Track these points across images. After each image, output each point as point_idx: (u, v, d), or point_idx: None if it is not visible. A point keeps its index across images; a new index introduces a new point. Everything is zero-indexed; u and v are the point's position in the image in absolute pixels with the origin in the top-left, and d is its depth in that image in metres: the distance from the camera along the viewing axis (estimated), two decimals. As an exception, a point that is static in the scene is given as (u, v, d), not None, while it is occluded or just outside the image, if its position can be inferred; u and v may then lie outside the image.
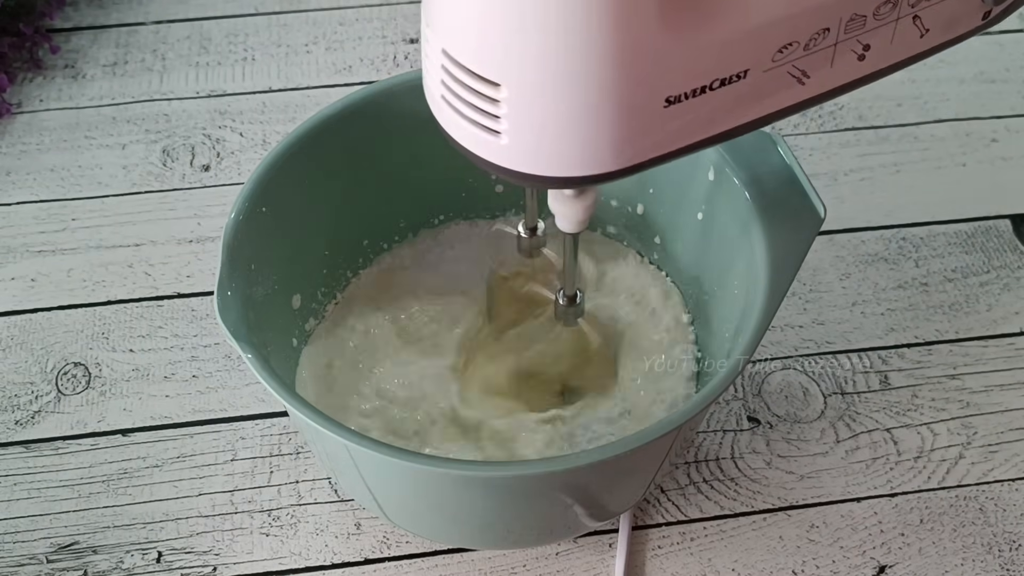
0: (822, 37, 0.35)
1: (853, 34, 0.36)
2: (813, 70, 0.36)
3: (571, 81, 0.33)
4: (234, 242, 0.46)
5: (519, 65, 0.33)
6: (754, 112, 0.37)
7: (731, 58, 0.34)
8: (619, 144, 0.35)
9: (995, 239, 0.66)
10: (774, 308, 0.44)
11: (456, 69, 0.34)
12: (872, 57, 0.37)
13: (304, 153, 0.50)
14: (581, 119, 0.34)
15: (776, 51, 0.35)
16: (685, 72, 0.34)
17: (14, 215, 0.67)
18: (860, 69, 0.38)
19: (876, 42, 0.37)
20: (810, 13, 0.34)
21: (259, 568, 0.52)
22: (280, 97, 0.74)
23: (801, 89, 0.37)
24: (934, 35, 0.38)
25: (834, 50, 0.36)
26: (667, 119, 0.35)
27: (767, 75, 0.35)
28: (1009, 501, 0.55)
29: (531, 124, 0.34)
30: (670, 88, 0.34)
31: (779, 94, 0.37)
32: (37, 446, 0.56)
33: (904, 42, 0.38)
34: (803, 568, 0.52)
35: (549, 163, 0.35)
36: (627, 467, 0.45)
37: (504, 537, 0.50)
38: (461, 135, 0.36)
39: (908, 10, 0.36)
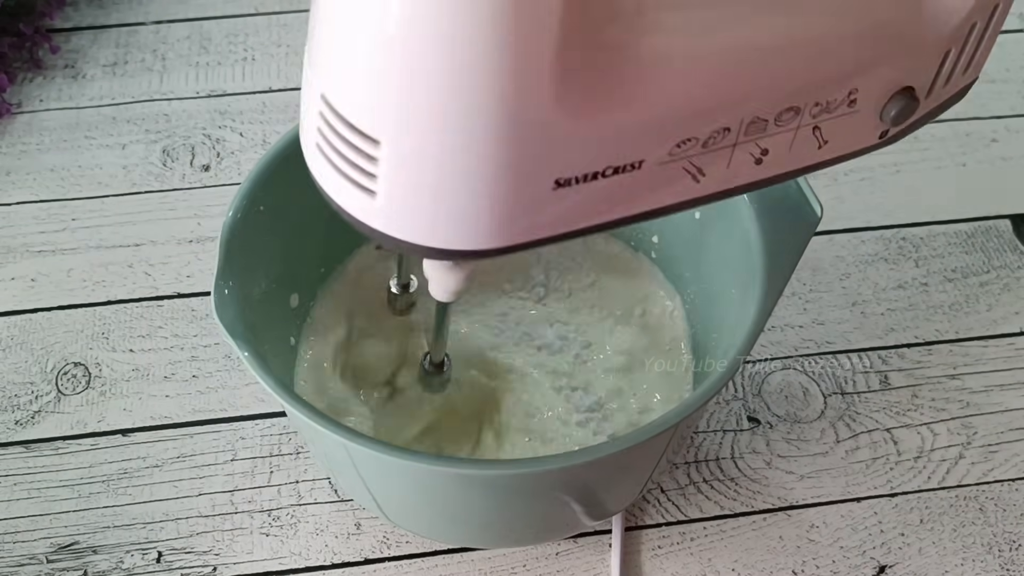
0: (722, 136, 0.34)
1: (753, 137, 0.35)
2: (709, 168, 0.35)
3: (454, 149, 0.30)
4: (231, 241, 0.46)
5: (401, 124, 0.30)
6: (645, 204, 0.35)
7: (627, 147, 0.33)
8: (502, 221, 0.32)
9: (995, 239, 0.66)
10: (770, 307, 0.44)
11: (334, 118, 0.31)
12: (769, 162, 0.36)
13: (302, 152, 0.50)
14: (462, 191, 0.31)
15: (674, 145, 0.33)
16: (578, 155, 0.32)
17: (14, 215, 0.67)
18: (756, 172, 0.37)
19: (775, 148, 0.36)
20: (712, 111, 0.33)
21: (259, 568, 0.52)
22: (280, 97, 0.74)
23: (695, 186, 0.35)
24: (832, 148, 0.37)
25: (732, 151, 0.35)
26: (554, 201, 0.33)
27: (662, 168, 0.34)
28: (1009, 501, 0.55)
29: (408, 189, 0.31)
30: (561, 170, 0.32)
31: (673, 188, 0.35)
32: (37, 446, 0.56)
33: (802, 151, 0.37)
34: (803, 568, 0.52)
35: (424, 232, 0.33)
36: (624, 465, 0.45)
37: (503, 535, 0.51)
38: (334, 190, 0.34)
39: (809, 120, 0.36)
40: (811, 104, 0.35)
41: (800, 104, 0.35)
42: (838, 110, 0.36)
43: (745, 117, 0.34)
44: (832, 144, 0.37)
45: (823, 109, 0.36)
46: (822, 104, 0.35)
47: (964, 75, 0.38)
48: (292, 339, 0.53)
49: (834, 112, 0.36)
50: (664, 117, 0.33)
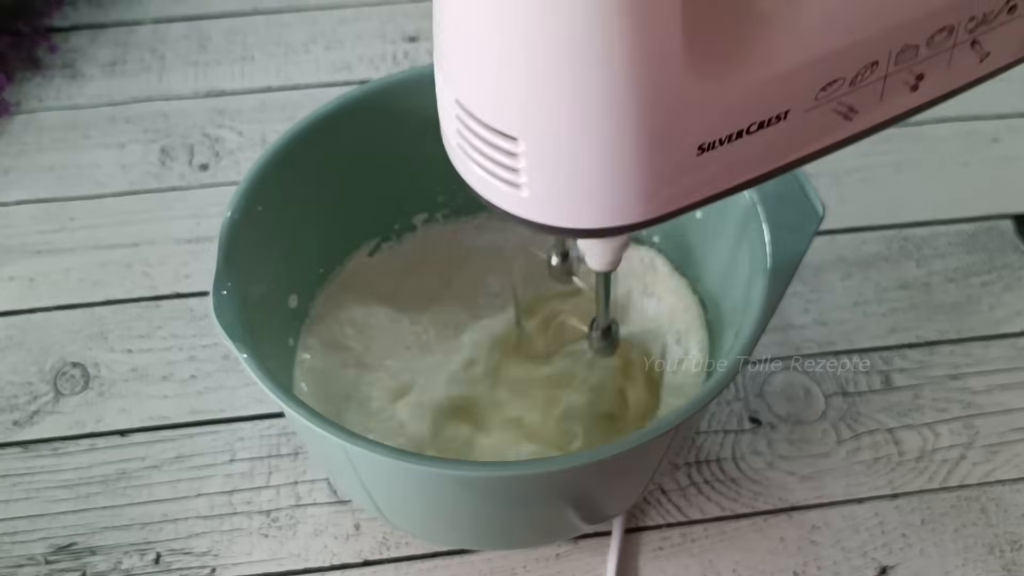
0: (870, 71, 0.33)
1: (905, 65, 0.33)
2: (861, 105, 0.34)
3: (592, 133, 0.30)
4: (230, 241, 0.46)
5: (536, 118, 0.30)
6: (797, 152, 0.34)
7: (769, 100, 0.32)
8: (648, 194, 0.32)
9: (997, 239, 0.66)
10: (773, 307, 0.44)
11: (471, 120, 0.32)
12: (926, 87, 0.35)
13: (300, 151, 0.50)
14: (605, 171, 0.31)
15: (819, 89, 0.32)
16: (719, 118, 0.31)
17: (12, 215, 0.67)
18: (913, 100, 0.35)
19: (931, 71, 0.34)
20: (854, 49, 0.32)
21: (258, 569, 0.52)
22: (279, 96, 0.73)
23: (848, 125, 0.34)
24: (995, 58, 0.36)
25: (884, 83, 0.34)
26: (700, 166, 0.32)
27: (810, 114, 0.33)
28: (1011, 502, 0.54)
29: (552, 177, 0.32)
30: (703, 135, 0.31)
31: (824, 132, 0.34)
32: (35, 447, 0.56)
33: (962, 68, 0.35)
34: (804, 569, 0.52)
35: (573, 216, 0.33)
36: (624, 467, 0.45)
37: (503, 537, 0.50)
38: (481, 187, 0.34)
39: (966, 36, 0.34)
40: (965, 20, 0.33)
41: (953, 22, 0.33)
42: (997, 19, 0.34)
43: (893, 48, 0.33)
44: (995, 55, 0.35)
45: (980, 22, 0.34)
46: (978, 17, 0.33)
47: None
48: (291, 340, 0.53)
49: (992, 22, 0.34)
50: (803, 65, 0.31)
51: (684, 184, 0.33)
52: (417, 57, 0.76)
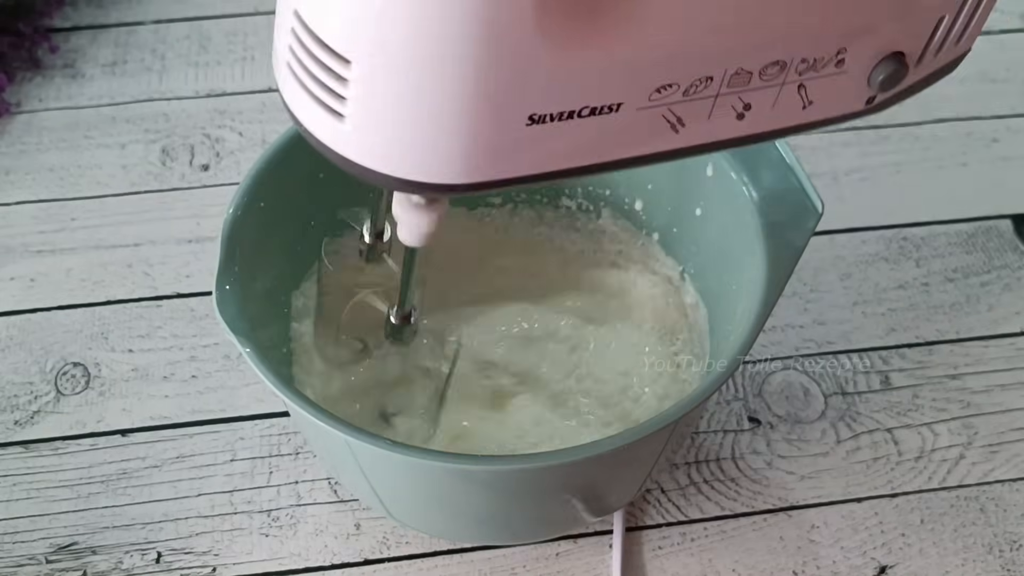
0: (703, 86, 0.33)
1: (736, 90, 0.34)
2: (689, 119, 0.34)
3: (426, 75, 0.29)
4: (232, 237, 0.46)
5: (373, 45, 0.29)
6: (622, 151, 0.34)
7: (606, 86, 0.32)
8: (473, 155, 0.31)
9: (996, 239, 0.66)
10: (771, 304, 0.44)
11: (306, 35, 0.30)
12: (751, 118, 0.36)
13: (302, 148, 0.50)
14: (433, 117, 0.30)
15: (654, 89, 0.33)
16: (555, 90, 0.31)
17: (13, 215, 0.67)
18: (737, 128, 0.36)
19: (758, 103, 0.35)
20: (695, 57, 0.32)
21: (258, 569, 0.52)
22: (279, 97, 0.73)
23: (674, 137, 0.35)
24: (817, 109, 0.36)
25: (714, 102, 0.34)
26: (529, 139, 0.32)
27: (641, 114, 0.33)
28: (1010, 501, 0.54)
29: (379, 114, 0.30)
30: (535, 105, 0.31)
31: (651, 137, 0.34)
32: (36, 446, 0.56)
33: (785, 110, 0.36)
34: (804, 568, 0.52)
35: (393, 161, 0.32)
36: (623, 462, 0.45)
37: (505, 531, 0.51)
38: (304, 114, 0.33)
39: (795, 77, 0.35)
40: (798, 60, 0.34)
41: (786, 58, 0.34)
42: (825, 69, 0.35)
43: (729, 67, 0.33)
44: (817, 105, 0.36)
45: (810, 67, 0.35)
46: (808, 61, 0.34)
47: (956, 46, 0.38)
48: (293, 335, 0.53)
49: (821, 71, 0.35)
50: (645, 57, 0.32)
51: (511, 154, 0.32)
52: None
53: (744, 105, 0.35)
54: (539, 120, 0.31)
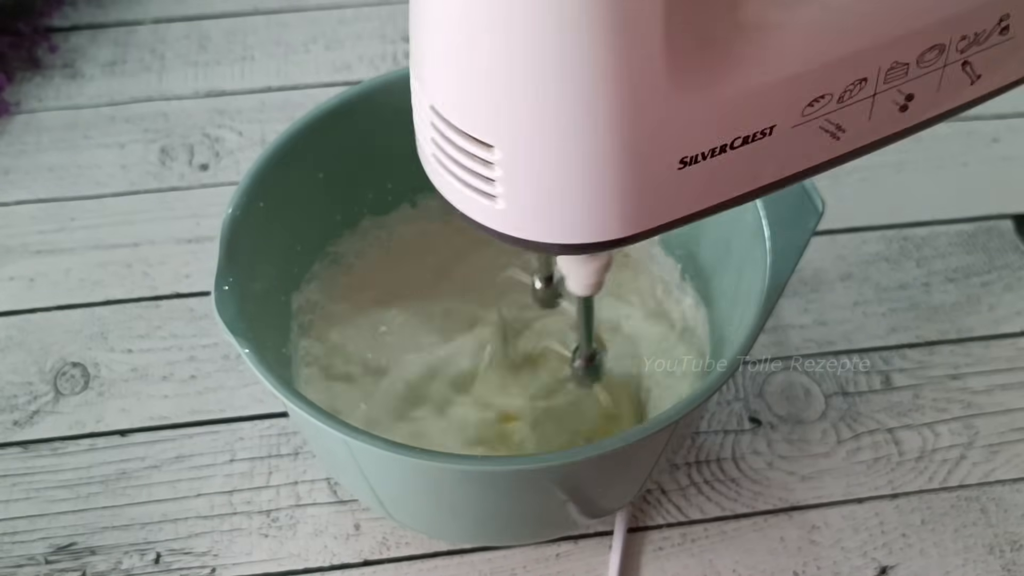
0: (858, 88, 0.32)
1: (894, 84, 0.32)
2: (849, 124, 0.33)
3: (570, 143, 0.29)
4: (231, 237, 0.46)
5: (512, 126, 0.30)
6: (784, 170, 0.33)
7: (754, 114, 0.31)
8: (628, 209, 0.31)
9: (997, 239, 0.66)
10: (771, 305, 0.44)
11: (446, 128, 0.31)
12: (916, 107, 0.34)
13: (300, 149, 0.50)
14: (582, 184, 0.30)
15: (806, 105, 0.31)
16: (701, 131, 0.30)
17: (12, 215, 0.67)
18: (902, 120, 0.34)
19: (920, 91, 0.33)
20: (842, 64, 0.31)
21: (258, 569, 0.52)
22: (279, 96, 0.73)
23: (836, 144, 0.33)
24: (987, 82, 0.34)
25: (872, 101, 0.33)
26: (683, 181, 0.31)
27: (797, 131, 0.32)
28: (1011, 502, 0.54)
29: (529, 188, 0.31)
30: (684, 149, 0.30)
31: (811, 150, 0.33)
32: (35, 447, 0.56)
33: (952, 90, 0.34)
34: (804, 569, 0.52)
35: (550, 230, 0.32)
36: (622, 463, 0.45)
37: (505, 531, 0.50)
38: (455, 198, 0.33)
39: (957, 56, 0.33)
40: (957, 39, 0.32)
41: (944, 40, 0.32)
42: (989, 40, 0.33)
43: (882, 64, 0.32)
44: (986, 78, 0.34)
45: (971, 42, 0.33)
46: (969, 37, 0.32)
47: None
48: (292, 335, 0.53)
49: (984, 44, 0.33)
50: (788, 78, 0.30)
51: (666, 199, 0.32)
52: (417, 57, 0.76)
53: (906, 96, 0.33)
54: (691, 161, 0.31)
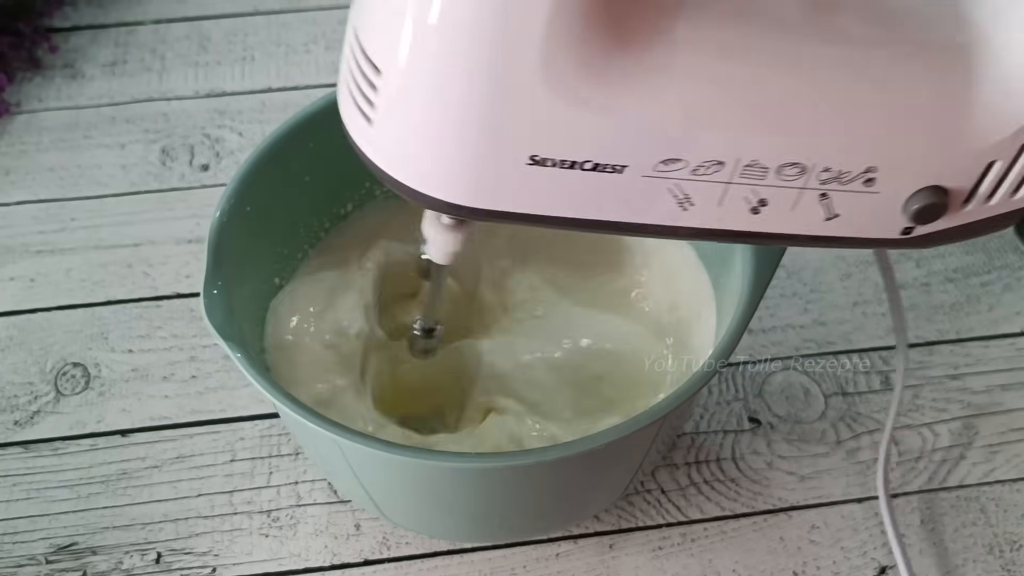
0: (714, 169, 0.33)
1: (750, 182, 0.33)
2: (698, 199, 0.34)
3: (440, 94, 0.32)
4: (219, 241, 0.46)
5: (400, 58, 0.32)
6: (624, 214, 0.35)
7: (610, 145, 0.32)
8: (473, 179, 0.34)
9: (996, 239, 0.66)
10: (756, 301, 0.44)
11: (355, 46, 0.34)
12: (767, 216, 0.35)
13: (287, 151, 0.50)
14: (440, 136, 0.33)
15: (660, 161, 0.33)
16: (558, 137, 0.32)
17: (13, 215, 0.67)
18: (751, 223, 0.35)
19: (775, 201, 0.34)
20: (701, 137, 0.32)
21: (258, 569, 0.52)
22: (279, 96, 0.74)
23: (682, 214, 0.34)
24: (843, 225, 0.35)
25: (725, 189, 0.34)
26: (529, 177, 0.33)
27: (647, 182, 0.33)
28: (1010, 502, 0.54)
29: (397, 121, 0.33)
30: (537, 147, 0.32)
31: (656, 208, 0.34)
32: (36, 446, 0.56)
33: (805, 217, 0.35)
34: (804, 569, 0.52)
35: (404, 170, 0.34)
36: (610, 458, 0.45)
37: (499, 528, 0.51)
38: (347, 116, 0.35)
39: (817, 184, 0.34)
40: (819, 167, 0.33)
41: (805, 162, 0.33)
42: (852, 185, 0.34)
43: (742, 157, 0.33)
44: (843, 221, 0.35)
45: (833, 177, 0.34)
46: (832, 171, 0.33)
47: (1012, 198, 0.35)
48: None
49: (847, 185, 0.34)
50: (649, 127, 0.32)
51: (510, 188, 0.34)
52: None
53: (759, 200, 0.34)
54: (540, 162, 0.33)
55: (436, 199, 0.34)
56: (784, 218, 0.35)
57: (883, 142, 0.33)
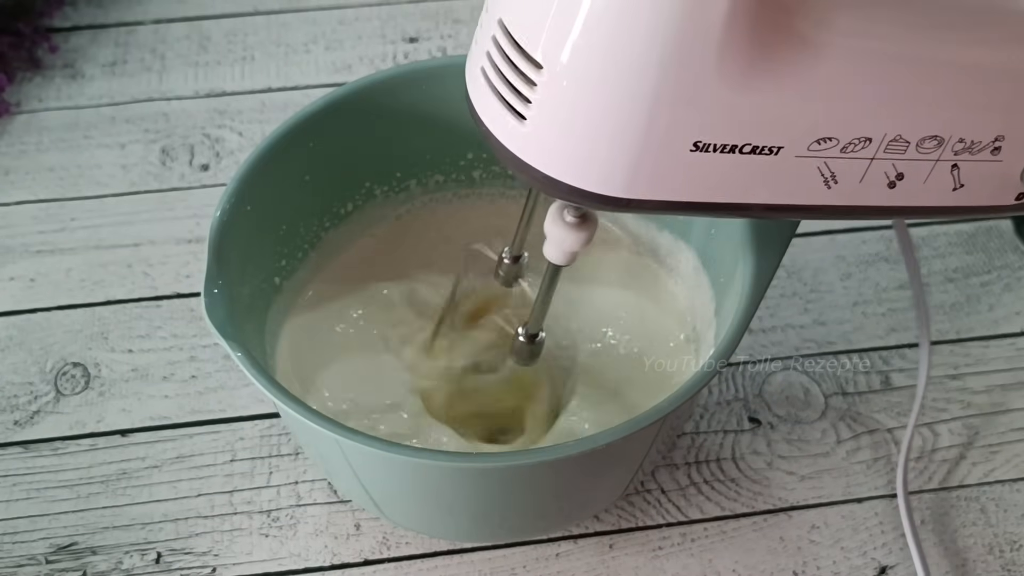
0: (861, 146, 0.34)
1: (891, 156, 0.35)
2: (843, 176, 0.35)
3: (609, 89, 0.32)
4: (220, 241, 0.46)
5: (564, 53, 0.32)
6: (775, 196, 0.36)
7: (771, 127, 0.33)
8: (636, 170, 0.34)
9: (996, 239, 0.66)
10: (756, 301, 0.44)
11: (505, 41, 0.33)
12: (901, 190, 0.36)
13: (287, 151, 0.50)
14: (605, 128, 0.33)
15: (814, 140, 0.34)
16: (723, 123, 0.33)
17: (13, 215, 0.67)
18: (886, 197, 0.37)
19: (910, 175, 0.36)
20: (857, 115, 0.34)
21: (258, 569, 0.52)
22: (279, 96, 0.74)
23: (825, 192, 0.36)
24: (966, 194, 0.37)
25: (869, 165, 0.35)
26: (690, 165, 0.34)
27: (798, 162, 0.34)
28: (1010, 502, 0.54)
29: (559, 118, 0.33)
30: (703, 133, 0.33)
31: (803, 189, 0.36)
32: (36, 446, 0.56)
33: (936, 188, 0.37)
34: (804, 569, 0.52)
35: (563, 166, 0.34)
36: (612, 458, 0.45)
37: (499, 528, 0.51)
38: (488, 115, 0.35)
39: (950, 155, 0.36)
40: (955, 138, 0.35)
41: (944, 135, 0.35)
42: (981, 154, 0.36)
43: (889, 132, 0.34)
44: (967, 190, 0.37)
45: (966, 148, 0.36)
46: (966, 142, 0.35)
47: None
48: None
49: (976, 155, 0.36)
50: (811, 108, 0.33)
51: (671, 176, 0.34)
52: (417, 58, 0.76)
53: (897, 174, 0.36)
54: (703, 148, 0.33)
55: (592, 193, 0.34)
56: (917, 191, 0.37)
57: (1013, 111, 0.35)
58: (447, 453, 0.43)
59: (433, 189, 0.58)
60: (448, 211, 0.58)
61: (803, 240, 0.65)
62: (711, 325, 0.50)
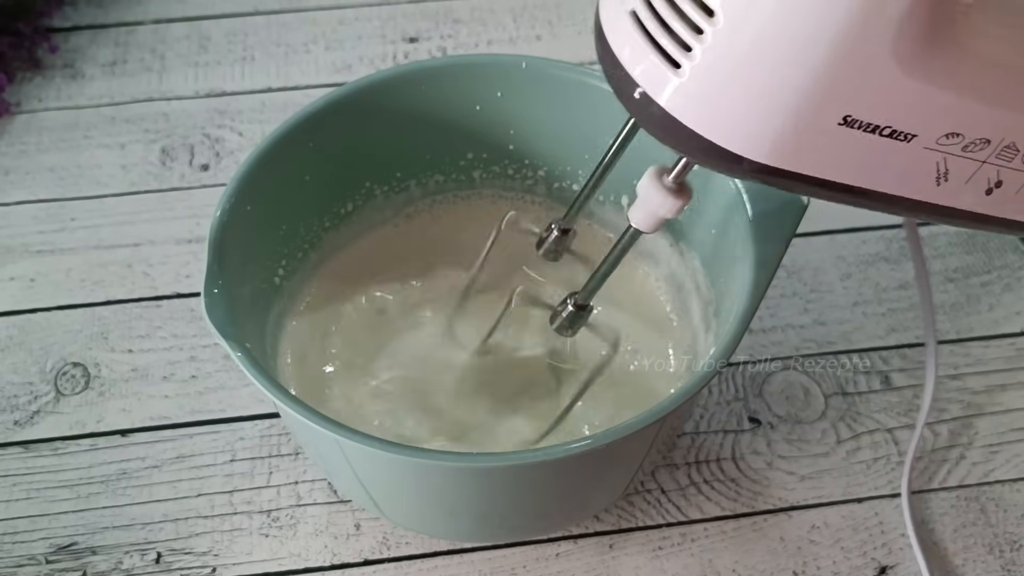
0: (980, 146, 0.34)
1: (999, 163, 0.35)
2: (953, 176, 0.35)
3: (783, 49, 0.31)
4: (220, 241, 0.46)
5: (744, 4, 0.31)
6: (893, 185, 0.36)
7: (915, 113, 0.33)
8: (782, 136, 0.33)
9: (996, 239, 0.66)
10: (757, 300, 0.44)
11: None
12: (996, 198, 0.36)
13: (287, 151, 0.50)
14: (769, 90, 0.32)
15: (944, 134, 0.34)
16: (875, 101, 0.32)
17: (13, 215, 0.67)
18: (980, 204, 0.37)
19: (1008, 183, 0.36)
20: (988, 113, 0.34)
21: (258, 569, 0.52)
22: (279, 96, 0.74)
23: (933, 190, 0.36)
24: None
25: (978, 168, 0.35)
26: (831, 139, 0.33)
27: (923, 155, 0.34)
28: (1010, 502, 0.54)
29: (720, 71, 0.32)
30: (855, 107, 0.32)
31: (918, 183, 0.35)
32: (36, 446, 0.56)
33: None
34: (804, 569, 0.52)
35: (710, 122, 0.33)
36: (612, 457, 0.45)
37: (499, 528, 0.51)
38: (632, 59, 0.34)
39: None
40: None
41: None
42: None
43: (1006, 136, 0.34)
44: None
45: None
46: None
47: None
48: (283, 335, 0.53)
49: None
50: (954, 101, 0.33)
51: (808, 147, 0.33)
52: (417, 58, 0.76)
53: (997, 181, 0.36)
54: (850, 123, 0.33)
55: (730, 153, 0.33)
56: (1009, 201, 0.37)
57: None
58: (447, 453, 0.43)
59: (433, 189, 0.58)
60: (448, 211, 0.59)
61: (803, 240, 0.65)
62: (711, 325, 0.50)
